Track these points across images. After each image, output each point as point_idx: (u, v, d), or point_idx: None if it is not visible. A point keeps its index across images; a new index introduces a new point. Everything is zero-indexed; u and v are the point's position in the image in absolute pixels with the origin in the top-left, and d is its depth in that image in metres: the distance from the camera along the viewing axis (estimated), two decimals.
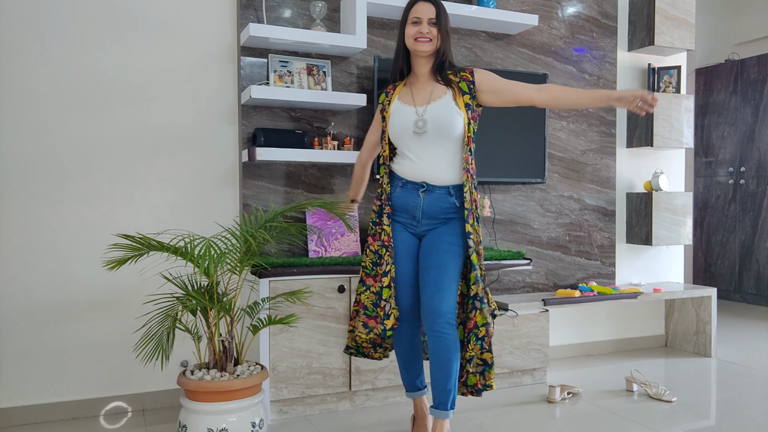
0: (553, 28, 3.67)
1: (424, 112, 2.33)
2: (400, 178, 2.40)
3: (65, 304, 2.73)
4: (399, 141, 2.39)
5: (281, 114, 3.03)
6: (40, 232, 2.69)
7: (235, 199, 3.01)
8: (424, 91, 2.38)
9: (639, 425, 2.64)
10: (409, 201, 2.37)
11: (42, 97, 2.69)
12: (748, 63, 5.54)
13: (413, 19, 2.34)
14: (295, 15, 3.05)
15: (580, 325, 3.82)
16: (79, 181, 2.75)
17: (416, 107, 2.35)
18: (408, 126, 2.34)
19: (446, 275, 2.29)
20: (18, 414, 2.67)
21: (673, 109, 3.81)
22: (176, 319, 2.31)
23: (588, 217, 3.80)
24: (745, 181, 5.54)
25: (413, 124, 2.33)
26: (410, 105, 2.37)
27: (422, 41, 2.32)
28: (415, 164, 2.35)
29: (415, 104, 2.36)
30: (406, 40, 2.37)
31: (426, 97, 2.36)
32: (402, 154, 2.40)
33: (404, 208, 2.38)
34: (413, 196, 2.36)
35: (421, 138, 2.33)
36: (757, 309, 5.33)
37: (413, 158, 2.35)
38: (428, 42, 2.33)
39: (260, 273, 2.63)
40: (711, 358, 3.73)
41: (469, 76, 2.37)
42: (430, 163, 2.34)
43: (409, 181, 2.37)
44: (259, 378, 2.33)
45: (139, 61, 2.84)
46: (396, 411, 2.83)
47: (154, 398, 2.87)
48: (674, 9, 3.78)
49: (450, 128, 2.31)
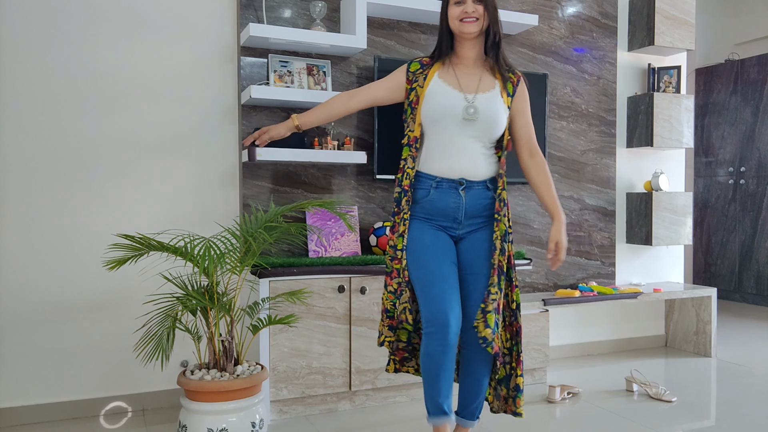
0: (553, 28, 3.67)
1: (474, 99, 2.10)
2: (432, 176, 2.13)
3: (65, 304, 2.73)
4: (437, 125, 2.12)
5: (281, 114, 3.03)
6: (40, 232, 2.69)
7: (235, 199, 3.01)
8: (471, 77, 2.15)
9: (639, 425, 2.64)
10: (448, 203, 2.12)
11: (42, 97, 2.69)
12: (748, 63, 5.54)
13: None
14: (295, 15, 3.05)
15: (580, 325, 3.82)
16: (79, 180, 2.75)
17: (464, 93, 2.11)
18: (456, 111, 2.09)
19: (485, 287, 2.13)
20: (18, 414, 2.67)
21: (673, 109, 3.81)
22: (176, 319, 2.31)
23: (588, 217, 3.80)
24: (745, 181, 5.54)
25: (463, 110, 2.09)
26: (456, 89, 2.12)
27: (468, 21, 2.08)
28: (453, 157, 2.11)
29: (462, 89, 2.12)
30: (449, 23, 2.13)
31: (474, 85, 2.13)
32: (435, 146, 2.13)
33: (443, 211, 2.13)
34: (452, 196, 2.12)
35: (469, 127, 2.10)
36: (757, 309, 5.33)
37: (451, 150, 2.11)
38: (474, 22, 2.09)
39: (260, 273, 2.63)
40: (711, 358, 3.73)
41: (515, 81, 2.19)
42: (471, 156, 2.12)
43: (444, 179, 2.12)
44: (259, 378, 2.33)
45: (138, 61, 2.84)
46: (396, 411, 2.83)
47: (154, 398, 2.87)
48: (674, 9, 3.78)
49: (496, 124, 2.13)
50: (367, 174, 3.19)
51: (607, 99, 3.83)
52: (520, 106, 2.20)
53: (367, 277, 2.82)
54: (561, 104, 3.69)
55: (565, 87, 3.71)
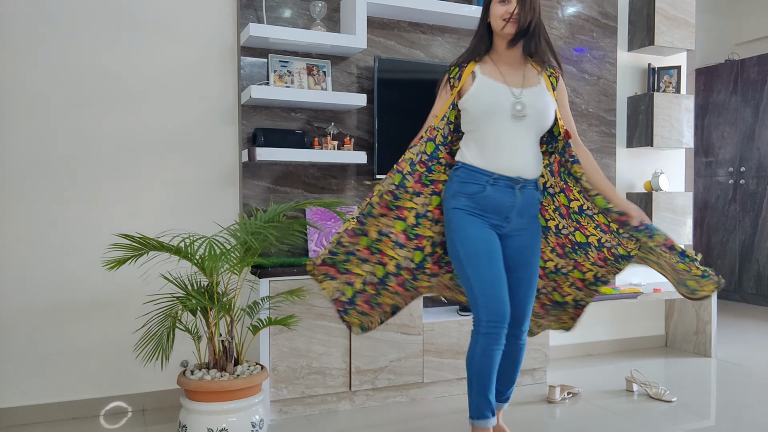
0: (553, 28, 3.67)
1: (521, 95, 2.09)
2: (487, 172, 2.09)
3: (65, 304, 2.73)
4: (487, 123, 2.09)
5: (281, 114, 3.03)
6: (40, 232, 2.69)
7: (235, 199, 3.01)
8: (515, 72, 2.13)
9: (639, 425, 2.64)
10: (504, 201, 2.10)
11: (41, 97, 2.69)
12: (748, 63, 5.54)
13: None
14: (295, 15, 3.05)
15: (580, 325, 3.82)
16: (79, 180, 2.75)
17: (511, 88, 2.09)
18: (505, 107, 2.07)
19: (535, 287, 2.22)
20: (18, 414, 2.67)
21: (673, 109, 3.81)
22: (176, 319, 2.31)
23: None
24: (745, 181, 5.54)
25: (511, 106, 2.07)
26: (502, 83, 2.10)
27: (512, 22, 2.06)
28: (508, 155, 2.08)
29: (508, 84, 2.10)
30: (491, 20, 2.11)
31: (519, 80, 2.12)
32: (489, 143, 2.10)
33: (498, 209, 2.11)
34: (508, 195, 2.10)
35: (519, 124, 2.08)
36: (757, 309, 5.33)
37: (506, 147, 2.08)
38: (517, 23, 2.07)
39: (260, 273, 2.63)
40: (711, 358, 3.73)
41: (557, 76, 2.21)
42: (525, 154, 2.10)
43: (502, 176, 2.10)
44: (259, 378, 2.33)
45: (139, 61, 2.84)
46: (396, 411, 2.83)
47: (154, 398, 2.87)
48: (674, 9, 3.78)
49: (547, 117, 2.12)
50: (367, 174, 3.19)
51: (607, 99, 3.83)
52: (561, 100, 2.22)
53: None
54: None
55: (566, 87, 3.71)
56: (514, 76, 2.12)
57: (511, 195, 2.10)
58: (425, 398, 2.99)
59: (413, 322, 2.90)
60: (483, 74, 2.12)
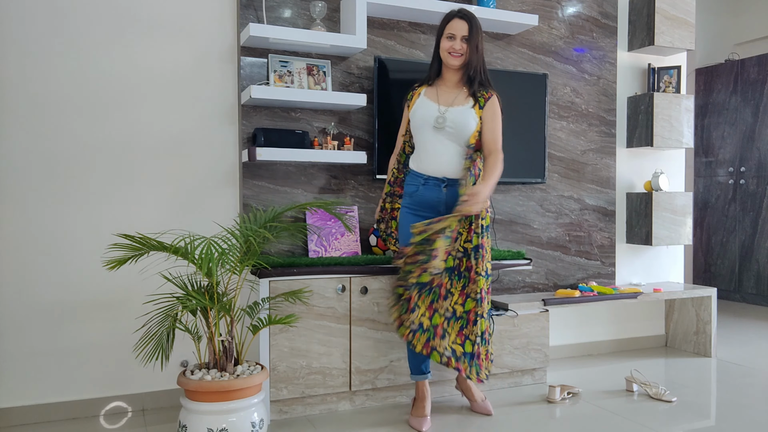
0: (553, 28, 3.67)
1: (445, 111, 2.60)
2: (420, 174, 2.64)
3: (65, 304, 2.73)
4: (418, 133, 2.65)
5: (281, 114, 3.03)
6: (40, 232, 2.69)
7: (235, 199, 3.01)
8: (449, 95, 2.66)
9: (639, 425, 2.64)
10: (433, 197, 2.62)
11: (41, 97, 2.69)
12: (748, 63, 5.54)
13: (448, 35, 2.61)
14: (295, 15, 3.05)
15: (580, 325, 3.82)
16: (79, 180, 2.75)
17: (439, 105, 2.63)
18: (428, 120, 2.61)
19: None
20: (18, 414, 2.67)
21: (673, 109, 3.81)
22: (176, 319, 2.31)
23: (588, 217, 3.80)
24: (745, 181, 5.54)
25: (434, 120, 2.60)
26: (434, 102, 2.64)
27: (454, 56, 2.61)
28: (433, 159, 2.61)
29: (439, 103, 2.64)
30: (440, 51, 2.65)
31: (450, 100, 2.65)
32: (421, 150, 2.65)
33: (429, 203, 2.63)
34: (436, 191, 2.62)
35: (440, 134, 2.60)
36: (757, 309, 5.33)
37: (434, 154, 2.61)
38: (459, 57, 2.61)
39: (260, 273, 2.63)
40: (711, 358, 3.73)
41: (486, 97, 2.64)
42: (449, 159, 2.61)
43: (431, 177, 2.62)
44: (259, 378, 2.33)
45: (139, 61, 2.84)
46: (396, 411, 2.83)
47: (154, 398, 2.87)
48: (674, 9, 3.78)
49: (464, 131, 2.60)
50: (367, 174, 3.19)
51: (607, 99, 3.83)
52: (486, 117, 2.65)
53: (367, 277, 2.82)
54: (561, 104, 3.69)
55: (565, 87, 3.71)
56: (446, 96, 2.66)
57: (439, 192, 2.62)
58: None
59: None
60: (424, 94, 2.69)
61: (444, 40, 2.63)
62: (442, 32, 2.64)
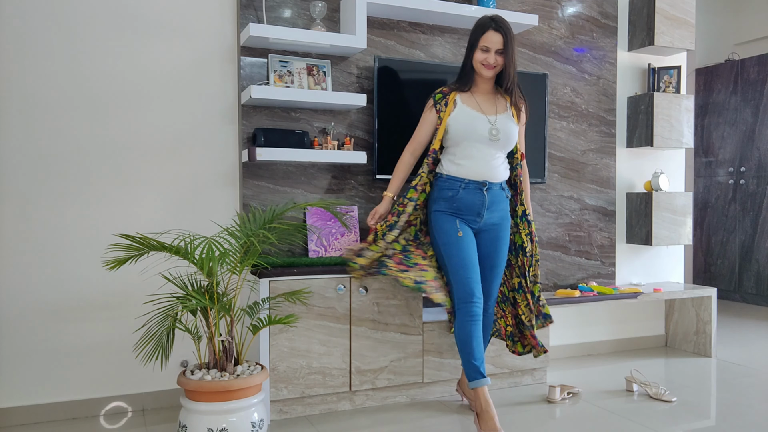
0: (553, 28, 3.67)
1: (495, 121, 2.63)
2: (460, 179, 2.64)
3: (65, 304, 2.73)
4: (464, 141, 2.63)
5: (281, 114, 3.03)
6: (40, 232, 2.69)
7: (235, 199, 3.01)
8: (488, 103, 2.68)
9: (639, 425, 2.64)
10: (475, 200, 2.63)
11: (41, 98, 2.69)
12: (748, 63, 5.54)
13: (482, 47, 2.60)
14: (295, 15, 3.05)
15: (580, 325, 3.82)
16: (79, 180, 2.75)
17: (487, 116, 2.64)
18: (482, 132, 2.61)
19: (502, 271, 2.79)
20: (18, 414, 2.67)
21: (673, 109, 3.81)
22: (176, 319, 2.31)
23: (588, 217, 3.80)
24: (745, 181, 5.54)
25: (488, 132, 2.61)
26: (478, 112, 2.64)
27: (488, 68, 2.62)
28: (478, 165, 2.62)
29: (484, 112, 2.64)
30: (473, 62, 2.64)
31: (492, 109, 2.67)
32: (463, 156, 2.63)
33: (471, 206, 2.64)
34: (479, 195, 2.63)
35: (494, 144, 2.63)
36: (757, 309, 5.33)
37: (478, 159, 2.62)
38: (492, 69, 2.63)
39: (260, 273, 2.63)
40: (711, 358, 3.73)
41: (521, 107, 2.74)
42: (494, 165, 2.65)
43: (472, 181, 2.63)
44: (259, 378, 2.33)
45: (139, 61, 2.84)
46: (396, 411, 2.83)
47: (154, 398, 2.87)
48: (674, 9, 3.78)
49: (512, 140, 2.68)
50: (367, 174, 3.19)
51: (607, 99, 3.83)
52: (521, 125, 2.76)
53: (367, 277, 2.82)
54: (561, 104, 3.69)
55: (565, 87, 3.71)
56: (487, 105, 2.67)
57: (481, 195, 2.63)
58: (425, 398, 2.99)
59: (413, 322, 2.90)
60: (463, 103, 2.65)
61: (478, 51, 2.61)
62: (476, 43, 2.61)
